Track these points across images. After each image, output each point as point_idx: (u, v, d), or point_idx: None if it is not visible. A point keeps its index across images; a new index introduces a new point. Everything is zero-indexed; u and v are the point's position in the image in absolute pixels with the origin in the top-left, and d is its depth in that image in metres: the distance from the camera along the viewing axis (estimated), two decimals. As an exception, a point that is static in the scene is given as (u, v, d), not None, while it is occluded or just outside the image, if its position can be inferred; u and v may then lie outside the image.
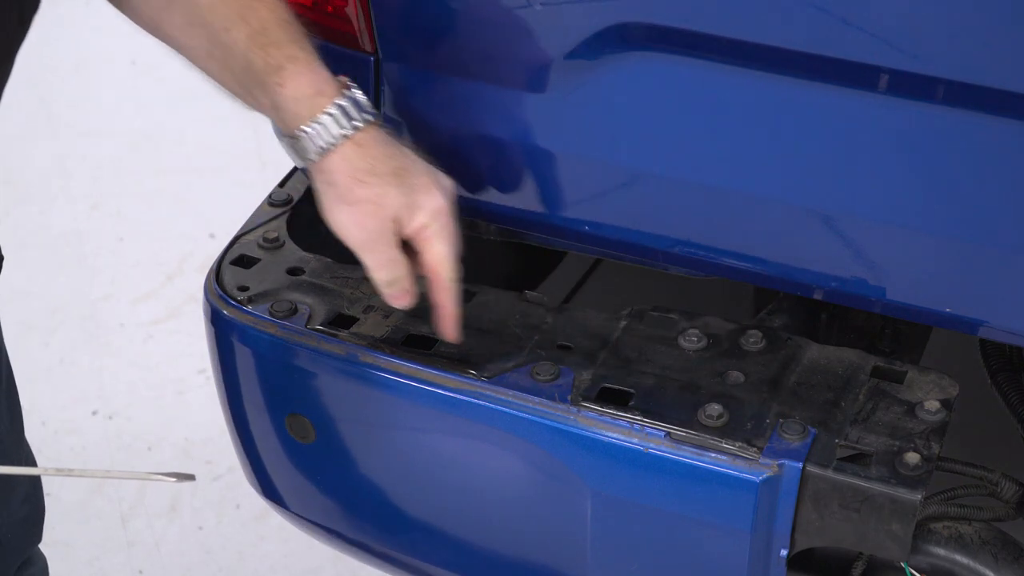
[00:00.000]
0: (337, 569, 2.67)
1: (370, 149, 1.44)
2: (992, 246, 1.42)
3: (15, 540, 1.76)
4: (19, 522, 1.75)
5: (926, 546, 1.53)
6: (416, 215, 1.47)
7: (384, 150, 1.46)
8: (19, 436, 1.75)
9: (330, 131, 1.43)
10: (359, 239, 1.48)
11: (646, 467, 1.48)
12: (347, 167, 1.44)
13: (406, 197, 1.46)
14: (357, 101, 1.44)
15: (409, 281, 1.50)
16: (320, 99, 1.42)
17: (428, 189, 1.48)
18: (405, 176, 1.46)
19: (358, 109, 1.44)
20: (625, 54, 1.48)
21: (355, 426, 1.66)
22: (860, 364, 1.56)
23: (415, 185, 1.47)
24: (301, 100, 1.42)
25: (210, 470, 2.89)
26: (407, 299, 1.52)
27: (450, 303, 1.52)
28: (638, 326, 1.61)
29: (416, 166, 1.48)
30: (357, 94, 1.44)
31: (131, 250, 3.56)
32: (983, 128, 1.36)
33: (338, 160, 1.44)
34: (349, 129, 1.43)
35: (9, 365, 1.70)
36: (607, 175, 1.58)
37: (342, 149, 1.43)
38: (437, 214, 1.48)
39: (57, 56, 4.27)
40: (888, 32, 1.35)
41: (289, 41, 1.42)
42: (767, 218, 1.51)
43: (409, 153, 1.49)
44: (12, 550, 1.76)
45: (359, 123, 1.43)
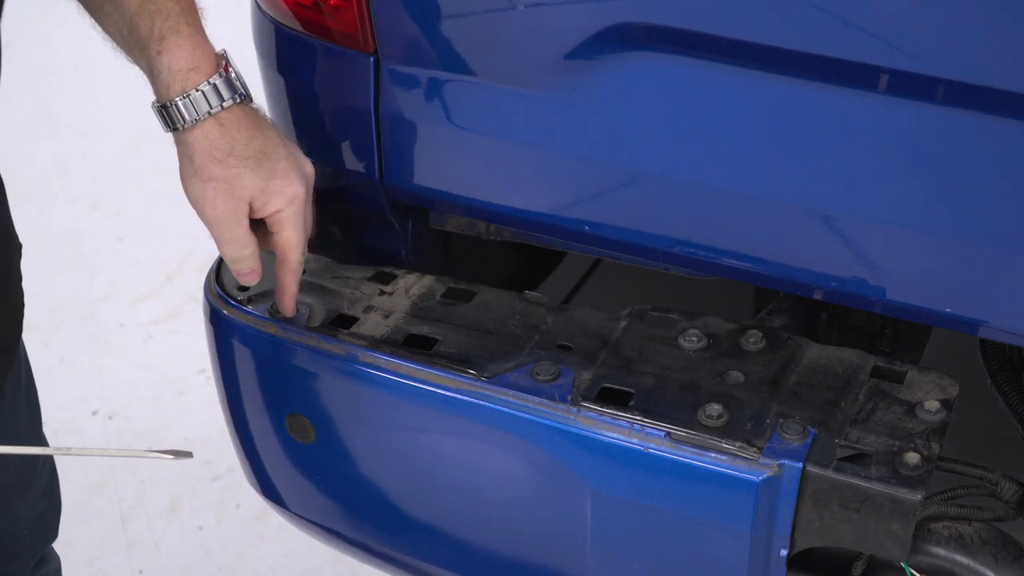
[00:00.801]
0: (337, 569, 2.67)
1: (232, 130, 1.47)
2: (992, 246, 1.42)
3: (32, 536, 1.76)
4: (36, 517, 1.76)
5: (926, 546, 1.53)
6: (272, 200, 1.50)
7: (247, 132, 1.48)
8: (37, 431, 1.76)
9: (197, 107, 1.45)
10: (210, 215, 1.51)
11: (646, 467, 1.48)
12: (207, 144, 1.47)
13: (262, 181, 1.49)
14: (229, 81, 1.46)
15: (255, 260, 1.54)
16: (194, 74, 1.44)
17: (286, 175, 1.50)
18: (264, 160, 1.49)
19: (230, 89, 1.46)
20: (625, 54, 1.48)
21: (355, 426, 1.66)
22: (860, 364, 1.56)
23: (273, 170, 1.49)
24: (176, 73, 1.44)
25: (210, 470, 2.89)
26: (252, 277, 1.56)
27: (293, 284, 1.59)
28: (638, 326, 1.61)
29: (278, 151, 1.50)
30: (231, 74, 1.47)
31: (131, 250, 3.56)
32: (983, 128, 1.36)
33: (200, 136, 1.47)
34: (216, 108, 1.45)
35: (28, 362, 1.71)
36: (607, 175, 1.58)
37: (204, 126, 1.46)
38: (292, 200, 1.51)
39: (57, 56, 4.28)
40: (888, 32, 1.35)
41: (177, 13, 1.44)
42: (767, 218, 1.51)
43: (274, 137, 1.51)
44: (30, 545, 1.77)
45: (227, 102, 1.46)
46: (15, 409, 1.57)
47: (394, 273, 1.72)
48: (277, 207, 1.51)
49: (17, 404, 1.64)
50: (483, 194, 1.66)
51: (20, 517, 1.71)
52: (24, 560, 1.77)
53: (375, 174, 1.69)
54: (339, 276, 1.71)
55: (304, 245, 1.55)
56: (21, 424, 1.65)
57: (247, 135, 1.48)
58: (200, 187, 1.49)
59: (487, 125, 1.61)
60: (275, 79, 1.74)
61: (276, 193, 1.50)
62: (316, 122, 1.73)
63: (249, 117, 1.49)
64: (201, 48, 1.45)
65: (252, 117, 1.49)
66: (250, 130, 1.48)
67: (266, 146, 1.49)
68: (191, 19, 1.45)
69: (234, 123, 1.47)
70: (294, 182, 1.51)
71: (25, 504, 1.71)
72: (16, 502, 1.69)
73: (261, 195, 1.50)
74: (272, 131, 1.52)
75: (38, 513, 1.76)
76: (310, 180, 1.55)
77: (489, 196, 1.66)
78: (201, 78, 1.45)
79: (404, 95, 1.63)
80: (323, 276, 1.71)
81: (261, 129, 1.50)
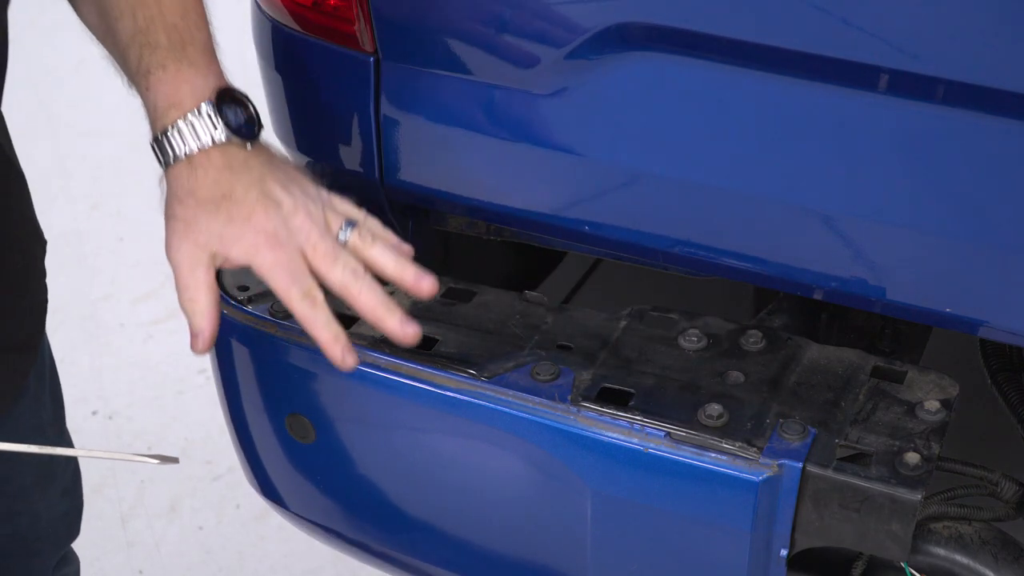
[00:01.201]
0: (337, 569, 2.67)
1: (199, 170, 1.39)
2: (992, 246, 1.42)
3: (55, 534, 1.77)
4: (59, 516, 1.76)
5: (926, 546, 1.53)
6: (232, 248, 1.39)
7: (216, 175, 1.39)
8: (61, 426, 1.77)
9: (174, 146, 1.39)
10: (170, 257, 1.41)
11: (646, 467, 1.48)
12: (175, 183, 1.41)
13: (220, 226, 1.39)
14: (211, 120, 1.38)
15: (203, 319, 1.40)
16: (172, 112, 1.39)
17: (247, 221, 1.39)
18: (223, 204, 1.39)
19: (209, 128, 1.38)
20: (625, 54, 1.48)
21: (355, 426, 1.66)
22: (860, 364, 1.56)
23: (232, 215, 1.39)
24: (159, 109, 1.40)
25: (210, 470, 2.89)
26: (197, 343, 1.41)
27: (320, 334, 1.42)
28: (638, 326, 1.61)
29: (249, 194, 1.39)
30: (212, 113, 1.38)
31: (131, 250, 3.57)
32: (983, 128, 1.36)
33: (171, 175, 1.41)
34: (190, 149, 1.39)
35: (52, 358, 1.72)
36: (607, 175, 1.58)
37: (177, 166, 1.40)
38: (253, 249, 1.39)
39: (57, 56, 4.28)
40: (888, 32, 1.35)
41: (167, 47, 1.39)
42: (767, 218, 1.51)
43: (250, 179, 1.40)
44: (51, 544, 1.78)
45: (200, 144, 1.38)
46: (40, 404, 1.57)
47: (394, 273, 1.72)
48: (240, 256, 1.39)
49: (42, 399, 1.64)
50: (483, 194, 1.66)
51: (42, 515, 1.72)
52: (46, 558, 1.77)
53: (375, 174, 1.69)
54: (339, 276, 1.71)
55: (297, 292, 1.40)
56: (45, 419, 1.66)
57: (214, 177, 1.39)
58: (166, 226, 1.42)
59: (487, 125, 1.61)
60: (275, 79, 1.74)
61: (235, 241, 1.39)
62: (316, 122, 1.73)
63: (227, 158, 1.39)
64: (189, 84, 1.39)
65: (232, 159, 1.40)
66: (220, 172, 1.39)
67: (234, 189, 1.39)
68: (181, 53, 1.40)
69: (204, 163, 1.39)
70: (258, 228, 1.38)
71: (47, 502, 1.71)
72: (38, 500, 1.69)
73: (219, 241, 1.39)
74: (255, 175, 1.40)
75: (61, 512, 1.76)
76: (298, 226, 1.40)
77: (489, 196, 1.66)
78: (178, 115, 1.39)
79: (404, 95, 1.63)
80: (323, 276, 1.71)
81: (236, 172, 1.40)
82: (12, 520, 1.68)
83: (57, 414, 1.75)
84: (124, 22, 1.41)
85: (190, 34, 1.41)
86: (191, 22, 1.41)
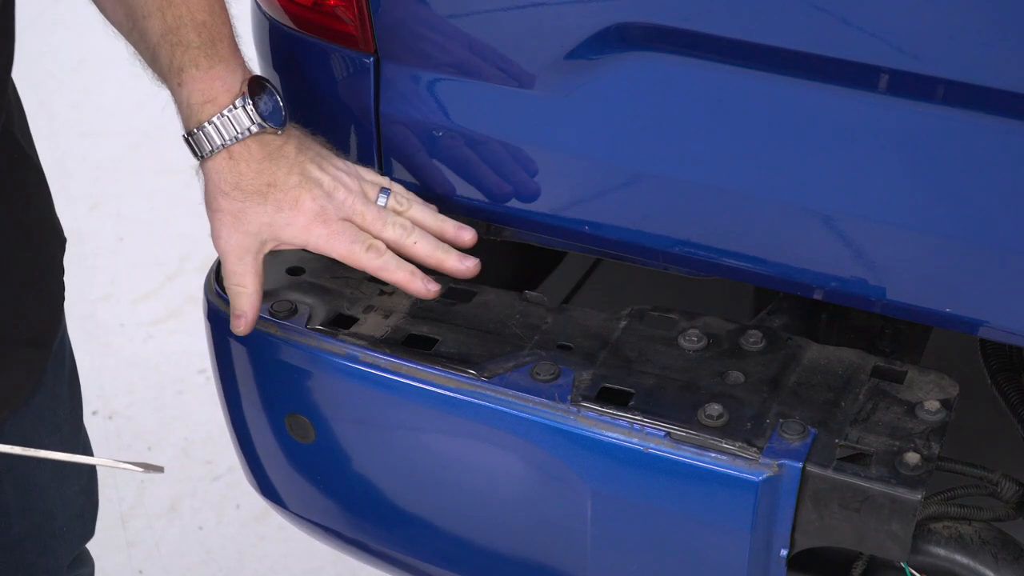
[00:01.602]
0: (337, 569, 2.67)
1: (240, 163, 1.47)
2: (992, 246, 1.42)
3: (70, 533, 1.77)
4: (75, 515, 1.77)
5: (926, 546, 1.53)
6: (283, 232, 1.50)
7: (257, 165, 1.47)
8: (78, 423, 1.77)
9: (211, 140, 1.46)
10: (217, 247, 1.52)
11: (646, 467, 1.48)
12: (217, 177, 1.48)
13: (268, 215, 1.48)
14: (246, 112, 1.46)
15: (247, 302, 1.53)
16: (208, 107, 1.45)
17: (295, 205, 1.49)
18: (271, 192, 1.48)
19: (246, 120, 1.45)
20: (625, 54, 1.48)
21: (355, 426, 1.66)
22: (860, 364, 1.56)
23: (280, 202, 1.48)
24: (193, 106, 1.46)
25: (210, 470, 2.89)
26: (238, 323, 1.54)
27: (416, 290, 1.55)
28: (638, 326, 1.61)
29: (290, 179, 1.49)
30: (248, 105, 1.46)
31: (131, 250, 3.57)
32: (983, 128, 1.36)
33: (212, 168, 1.48)
34: (228, 140, 1.46)
35: (72, 356, 1.72)
36: (607, 175, 1.58)
37: (216, 159, 1.47)
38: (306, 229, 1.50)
39: (57, 56, 4.28)
40: (888, 32, 1.35)
41: (198, 45, 1.44)
42: (767, 218, 1.51)
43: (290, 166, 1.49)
44: (67, 542, 1.78)
45: (239, 135, 1.46)
46: (57, 400, 1.58)
47: (394, 273, 1.72)
48: (294, 238, 1.50)
49: (60, 395, 1.65)
50: (483, 194, 1.66)
51: (57, 514, 1.72)
52: (61, 556, 1.78)
53: (375, 174, 1.69)
54: (339, 276, 1.71)
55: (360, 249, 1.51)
56: (62, 415, 1.66)
57: (256, 168, 1.47)
58: (210, 218, 1.50)
59: (487, 125, 1.61)
60: (274, 79, 1.74)
61: (286, 226, 1.49)
62: (316, 122, 1.73)
63: (265, 148, 1.48)
64: (221, 79, 1.45)
65: (269, 147, 1.48)
66: (261, 163, 1.48)
67: (276, 177, 1.48)
68: (212, 51, 1.45)
69: (245, 155, 1.47)
70: (306, 210, 1.49)
71: (63, 500, 1.72)
72: (54, 497, 1.70)
73: (269, 228, 1.49)
74: (292, 160, 1.50)
75: (77, 511, 1.77)
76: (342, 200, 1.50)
77: (489, 196, 1.66)
78: (215, 110, 1.45)
79: (404, 95, 1.63)
80: (323, 276, 1.71)
81: (275, 160, 1.49)
82: (28, 516, 1.68)
83: (75, 411, 1.75)
84: (152, 21, 1.45)
85: (218, 30, 1.46)
86: (217, 18, 1.46)
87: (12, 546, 1.68)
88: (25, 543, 1.69)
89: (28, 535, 1.69)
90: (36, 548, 1.71)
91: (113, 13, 1.52)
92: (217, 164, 1.47)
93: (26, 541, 1.69)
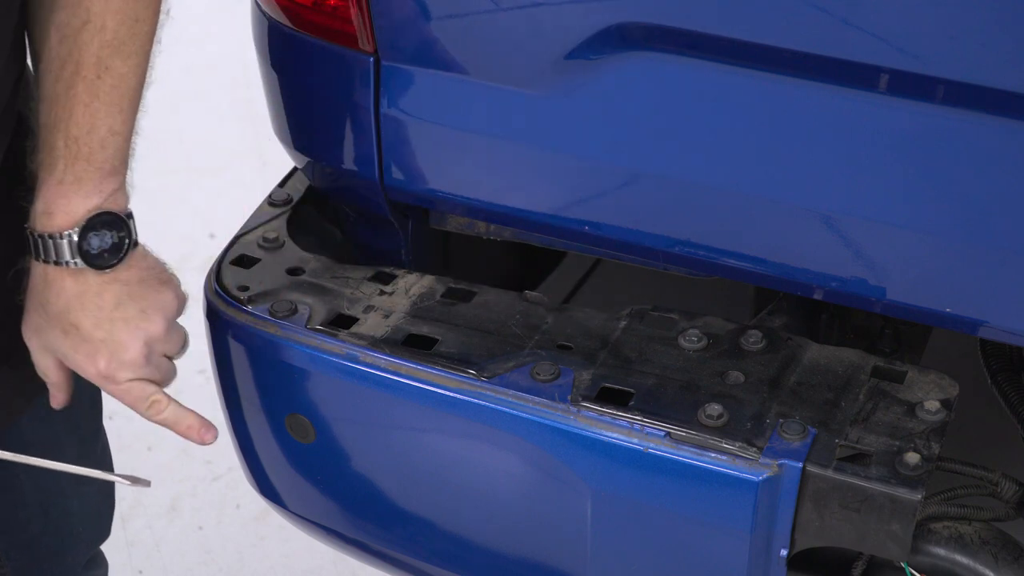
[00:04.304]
0: (337, 569, 2.67)
1: (52, 289, 1.41)
2: (992, 246, 1.42)
3: (86, 532, 1.77)
4: (93, 515, 1.77)
5: (926, 546, 1.53)
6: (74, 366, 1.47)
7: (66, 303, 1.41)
8: (98, 425, 1.77)
9: (35, 248, 1.40)
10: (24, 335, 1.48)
11: (646, 467, 1.48)
12: (33, 278, 1.43)
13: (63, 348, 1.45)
14: (70, 246, 1.38)
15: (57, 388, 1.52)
16: (43, 219, 1.38)
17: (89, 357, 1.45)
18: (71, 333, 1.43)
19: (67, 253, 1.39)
20: (625, 54, 1.48)
21: (355, 426, 1.66)
22: (860, 364, 1.56)
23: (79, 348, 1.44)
24: (36, 206, 1.39)
25: (210, 470, 2.89)
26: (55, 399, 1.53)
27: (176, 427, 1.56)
28: (638, 326, 1.61)
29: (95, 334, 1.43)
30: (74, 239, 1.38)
31: (131, 250, 3.56)
32: (983, 128, 1.36)
33: (33, 266, 1.42)
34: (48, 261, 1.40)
35: None
36: (607, 175, 1.58)
37: (37, 264, 1.41)
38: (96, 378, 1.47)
39: (57, 56, 4.27)
40: (888, 32, 1.35)
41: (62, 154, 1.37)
42: (767, 218, 1.51)
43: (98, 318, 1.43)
44: (84, 542, 1.78)
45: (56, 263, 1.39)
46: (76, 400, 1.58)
47: (394, 273, 1.72)
48: (83, 374, 1.47)
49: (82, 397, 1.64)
50: (483, 194, 1.66)
51: (74, 512, 1.72)
52: (77, 555, 1.78)
53: (375, 174, 1.69)
54: (339, 276, 1.71)
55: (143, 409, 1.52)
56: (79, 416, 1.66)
57: (64, 304, 1.41)
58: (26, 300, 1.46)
59: (487, 125, 1.61)
60: (274, 79, 1.74)
61: (77, 366, 1.46)
62: (316, 122, 1.73)
63: (80, 286, 1.41)
64: (66, 199, 1.38)
65: (84, 287, 1.41)
66: (70, 301, 1.41)
67: (81, 323, 1.42)
68: (71, 166, 1.37)
69: (57, 285, 1.41)
70: (99, 369, 1.45)
71: (80, 499, 1.72)
72: (71, 496, 1.70)
73: (63, 357, 1.46)
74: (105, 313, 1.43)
75: (94, 510, 1.77)
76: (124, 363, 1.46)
77: (489, 196, 1.66)
78: (46, 227, 1.38)
79: (404, 95, 1.63)
80: (323, 276, 1.71)
81: (85, 305, 1.42)
82: (46, 515, 1.68)
83: (93, 413, 1.75)
84: (43, 99, 1.38)
85: (89, 149, 1.38)
86: (96, 139, 1.38)
87: (29, 544, 1.68)
88: (42, 541, 1.70)
89: (45, 533, 1.69)
90: (52, 546, 1.72)
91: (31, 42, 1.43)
92: (37, 270, 1.42)
93: (43, 539, 1.70)
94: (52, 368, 1.49)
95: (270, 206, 1.83)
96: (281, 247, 1.76)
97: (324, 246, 1.80)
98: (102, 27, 1.34)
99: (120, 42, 1.36)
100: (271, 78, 1.75)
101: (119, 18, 1.34)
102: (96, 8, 1.33)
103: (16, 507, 1.65)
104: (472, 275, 1.76)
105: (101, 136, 1.38)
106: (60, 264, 1.39)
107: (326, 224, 1.86)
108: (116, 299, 1.44)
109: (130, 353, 1.46)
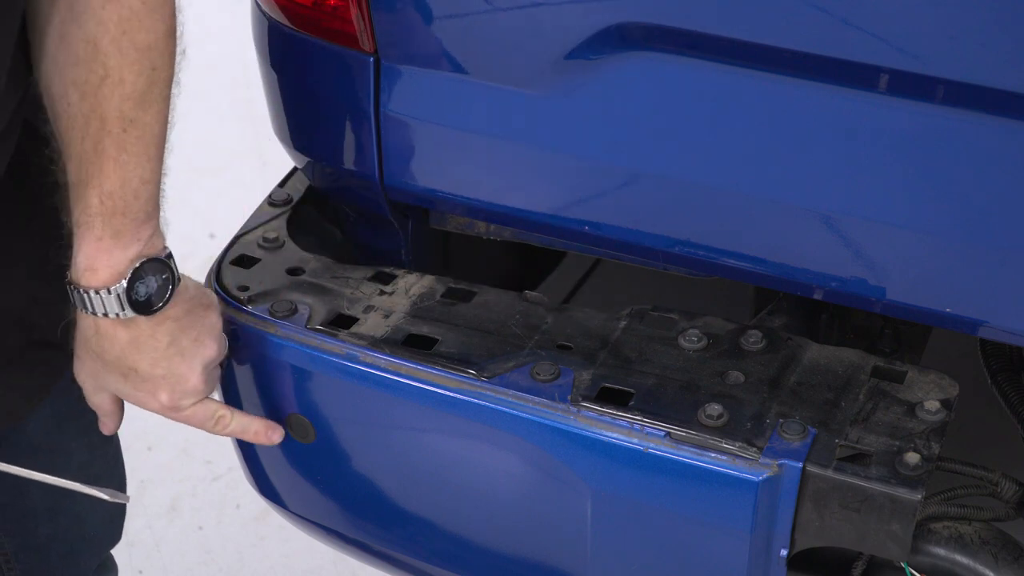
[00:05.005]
0: (337, 569, 2.67)
1: (105, 341, 1.44)
2: (992, 246, 1.42)
3: (97, 536, 1.77)
4: (104, 520, 1.77)
5: (926, 546, 1.53)
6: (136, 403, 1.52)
7: (121, 351, 1.45)
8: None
9: (82, 302, 1.41)
10: (77, 377, 1.52)
11: (646, 467, 1.48)
12: (84, 331, 1.46)
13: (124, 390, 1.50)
14: (119, 299, 1.40)
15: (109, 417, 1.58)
16: (87, 275, 1.39)
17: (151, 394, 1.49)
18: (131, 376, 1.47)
19: (115, 306, 1.40)
20: (625, 54, 1.48)
21: (355, 426, 1.66)
22: (860, 364, 1.56)
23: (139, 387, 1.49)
24: (77, 264, 1.40)
25: (210, 470, 2.89)
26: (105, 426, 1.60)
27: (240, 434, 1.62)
28: (638, 326, 1.61)
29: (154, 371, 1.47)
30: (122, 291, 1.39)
31: (131, 250, 3.56)
32: (983, 128, 1.36)
33: (82, 322, 1.45)
34: (97, 314, 1.41)
35: None
36: (607, 175, 1.58)
37: (86, 318, 1.43)
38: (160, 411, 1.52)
39: (57, 56, 4.27)
40: (888, 32, 1.35)
41: (98, 211, 1.38)
42: (767, 218, 1.51)
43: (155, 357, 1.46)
44: (96, 545, 1.78)
45: (107, 314, 1.41)
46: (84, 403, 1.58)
47: (394, 273, 1.72)
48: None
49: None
50: (483, 194, 1.66)
51: (84, 517, 1.72)
52: (89, 560, 1.78)
53: (375, 174, 1.69)
54: (339, 276, 1.71)
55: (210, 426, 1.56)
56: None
57: (119, 352, 1.45)
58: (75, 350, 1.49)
59: (487, 125, 1.61)
60: (274, 79, 1.74)
61: (139, 403, 1.51)
62: (316, 122, 1.73)
63: (131, 332, 1.44)
64: (108, 253, 1.39)
65: (136, 333, 1.44)
66: (124, 347, 1.44)
67: (139, 365, 1.46)
68: (109, 221, 1.38)
69: (110, 335, 1.44)
70: (163, 402, 1.50)
71: (90, 503, 1.71)
72: (80, 500, 1.70)
73: (124, 396, 1.52)
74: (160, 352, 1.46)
75: (106, 515, 1.76)
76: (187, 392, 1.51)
77: (489, 196, 1.66)
78: (91, 283, 1.39)
79: (404, 95, 1.63)
80: (323, 276, 1.71)
81: (141, 348, 1.45)
82: (54, 520, 1.68)
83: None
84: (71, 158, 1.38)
85: (124, 203, 1.39)
86: (130, 191, 1.39)
87: (38, 548, 1.68)
88: (51, 546, 1.69)
89: (54, 538, 1.69)
90: (62, 550, 1.71)
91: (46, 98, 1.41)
92: (86, 323, 1.44)
93: (52, 544, 1.69)
94: (107, 402, 1.55)
95: (270, 206, 1.83)
96: (281, 247, 1.76)
97: (324, 246, 1.80)
98: (121, 80, 1.34)
99: (140, 94, 1.36)
100: (271, 78, 1.75)
101: (136, 69, 1.34)
102: (112, 63, 1.33)
103: (25, 511, 1.65)
104: (472, 275, 1.76)
105: (134, 187, 1.39)
106: (111, 316, 1.41)
107: (326, 224, 1.87)
108: (169, 336, 1.47)
109: (191, 382, 1.50)
